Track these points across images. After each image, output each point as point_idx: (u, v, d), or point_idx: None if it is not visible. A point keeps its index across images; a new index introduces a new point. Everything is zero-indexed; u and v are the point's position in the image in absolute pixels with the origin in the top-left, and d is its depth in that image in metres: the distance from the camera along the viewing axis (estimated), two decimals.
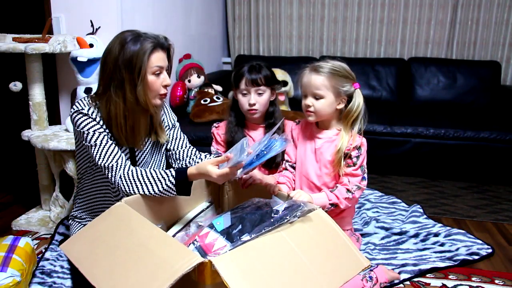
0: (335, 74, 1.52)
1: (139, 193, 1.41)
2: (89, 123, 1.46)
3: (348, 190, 1.53)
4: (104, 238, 1.22)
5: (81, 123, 1.46)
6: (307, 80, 1.55)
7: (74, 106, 1.50)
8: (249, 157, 1.29)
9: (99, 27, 2.28)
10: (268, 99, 1.79)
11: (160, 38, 1.49)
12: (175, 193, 1.41)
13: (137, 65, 1.42)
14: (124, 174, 1.44)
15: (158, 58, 1.46)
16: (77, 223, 1.69)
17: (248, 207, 1.33)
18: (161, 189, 1.41)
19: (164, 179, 1.40)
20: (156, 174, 1.42)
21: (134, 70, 1.42)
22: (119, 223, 1.24)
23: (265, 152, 1.31)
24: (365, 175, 1.60)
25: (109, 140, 1.47)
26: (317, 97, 1.54)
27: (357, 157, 1.56)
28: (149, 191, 1.41)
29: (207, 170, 1.35)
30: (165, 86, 1.51)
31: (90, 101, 1.50)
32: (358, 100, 1.55)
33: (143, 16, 2.58)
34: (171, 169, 1.43)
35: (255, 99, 1.75)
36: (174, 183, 1.39)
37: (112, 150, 1.46)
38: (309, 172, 1.63)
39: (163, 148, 1.70)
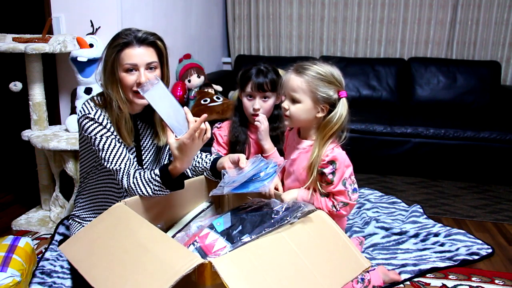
0: (316, 77, 1.36)
1: (142, 195, 1.40)
2: (95, 128, 1.45)
3: (333, 205, 1.42)
4: (103, 239, 1.21)
5: (88, 128, 1.45)
6: (286, 79, 1.41)
7: (81, 109, 1.48)
8: (239, 177, 1.32)
9: (99, 27, 2.27)
10: (273, 104, 1.77)
11: (140, 33, 1.42)
12: (167, 191, 1.38)
13: (108, 62, 1.43)
14: (130, 178, 1.42)
15: (130, 55, 1.41)
16: (77, 223, 1.69)
17: (249, 207, 1.33)
18: (154, 191, 1.38)
19: (153, 180, 1.37)
20: (148, 176, 1.38)
21: (106, 67, 1.43)
22: (119, 224, 1.24)
23: (253, 179, 1.35)
24: (356, 186, 1.43)
25: (117, 143, 1.46)
26: (294, 101, 1.40)
27: (332, 173, 1.37)
28: (148, 193, 1.40)
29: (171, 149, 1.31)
30: (138, 84, 1.41)
31: (96, 103, 1.48)
32: (341, 111, 1.36)
33: (143, 16, 2.58)
34: (156, 169, 1.38)
35: (259, 104, 1.73)
36: (161, 182, 1.36)
37: (121, 153, 1.45)
38: (287, 181, 1.57)
39: (167, 147, 1.70)
